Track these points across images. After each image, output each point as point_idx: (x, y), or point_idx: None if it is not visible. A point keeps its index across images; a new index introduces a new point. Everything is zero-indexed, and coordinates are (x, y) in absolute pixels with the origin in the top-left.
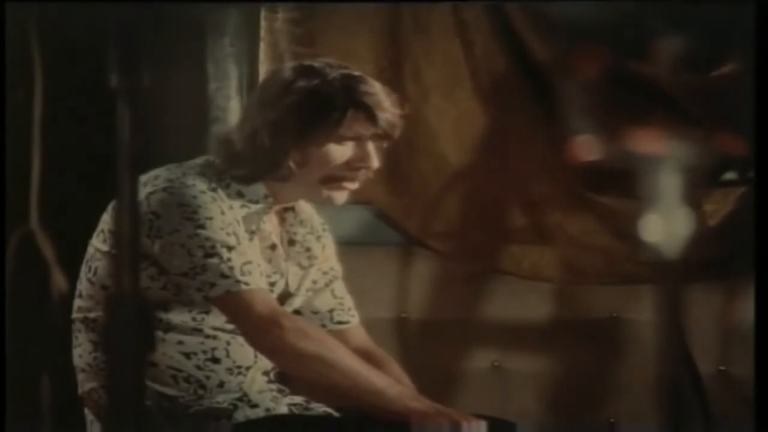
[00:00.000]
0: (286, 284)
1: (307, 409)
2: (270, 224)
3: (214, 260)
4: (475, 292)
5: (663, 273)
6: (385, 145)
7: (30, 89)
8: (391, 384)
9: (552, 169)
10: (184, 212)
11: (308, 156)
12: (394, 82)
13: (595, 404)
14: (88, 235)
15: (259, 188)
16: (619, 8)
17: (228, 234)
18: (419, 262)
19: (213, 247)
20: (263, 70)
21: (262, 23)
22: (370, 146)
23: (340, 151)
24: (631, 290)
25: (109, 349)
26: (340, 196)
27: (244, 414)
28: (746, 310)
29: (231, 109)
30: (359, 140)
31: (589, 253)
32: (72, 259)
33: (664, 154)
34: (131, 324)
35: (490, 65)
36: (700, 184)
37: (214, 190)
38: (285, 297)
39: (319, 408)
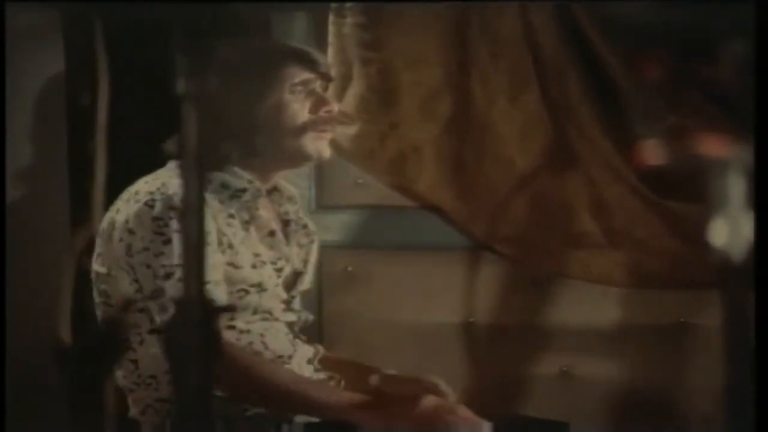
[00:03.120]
0: (293, 267)
1: None
2: (264, 210)
3: (170, 282)
4: (542, 297)
5: (730, 277)
6: (328, 88)
7: (94, 94)
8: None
9: (619, 172)
10: (157, 226)
11: (270, 115)
12: (462, 86)
13: (663, 411)
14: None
15: (240, 174)
16: (686, 10)
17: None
18: (486, 267)
19: (172, 267)
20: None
21: (330, 28)
22: (320, 89)
23: (298, 101)
24: (699, 295)
25: (175, 357)
26: (324, 147)
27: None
28: None
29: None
30: (308, 85)
31: (656, 257)
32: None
33: (730, 158)
34: (196, 330)
35: (557, 69)
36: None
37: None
38: (295, 278)
39: None
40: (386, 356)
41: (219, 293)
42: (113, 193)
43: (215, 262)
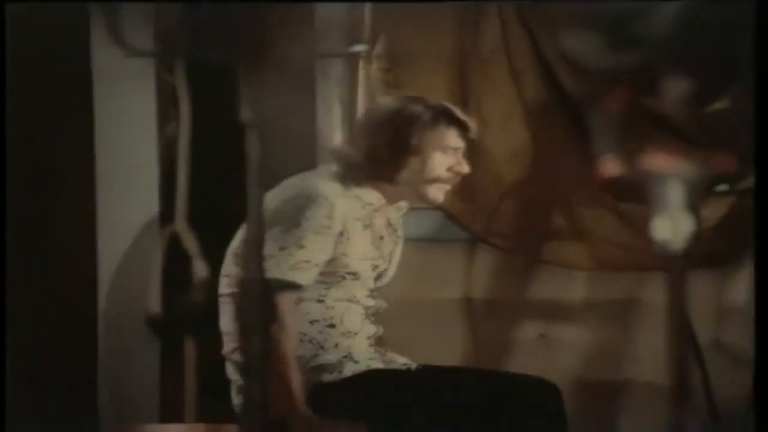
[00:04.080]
0: (385, 264)
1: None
2: (379, 219)
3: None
4: (525, 278)
5: (671, 263)
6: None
7: (178, 121)
8: None
9: (585, 182)
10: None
11: (418, 164)
12: (462, 111)
13: (617, 367)
14: (222, 234)
15: (372, 193)
16: (638, 54)
17: (316, 233)
18: (482, 255)
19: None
20: (360, 110)
21: (360, 71)
22: (463, 155)
23: (444, 159)
24: (645, 276)
25: (241, 318)
26: (441, 196)
27: (349, 369)
28: (737, 292)
29: (335, 138)
30: (456, 150)
31: (613, 248)
32: (208, 252)
33: (671, 171)
34: (257, 299)
35: (537, 102)
36: (698, 195)
37: (339, 194)
38: (382, 273)
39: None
40: (405, 323)
41: (307, 274)
42: (192, 198)
43: (327, 249)
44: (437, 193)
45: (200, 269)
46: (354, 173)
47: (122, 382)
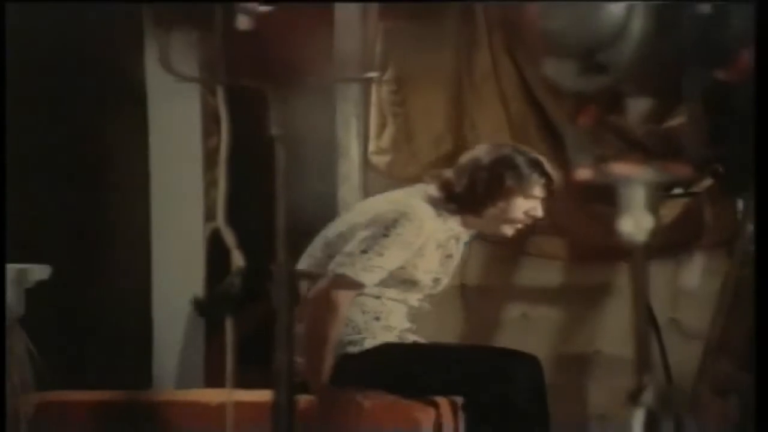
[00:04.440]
0: (446, 278)
1: None
2: (453, 242)
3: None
4: (511, 267)
5: (634, 254)
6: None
7: (219, 135)
8: None
9: (562, 186)
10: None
11: (504, 205)
12: (457, 131)
13: (588, 341)
14: (255, 230)
15: (459, 222)
16: (606, 79)
17: (398, 247)
18: (475, 248)
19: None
20: (373, 125)
21: (373, 93)
22: (541, 202)
23: (525, 204)
24: (613, 265)
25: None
26: (511, 232)
27: (369, 342)
28: (687, 278)
29: (351, 153)
30: (537, 198)
31: (586, 241)
32: (244, 245)
33: (633, 177)
34: (285, 284)
35: (521, 119)
36: (657, 196)
37: (430, 216)
38: (439, 283)
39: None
40: None
41: (375, 277)
42: (230, 199)
43: (402, 260)
44: (509, 230)
45: (237, 260)
46: (447, 202)
47: (172, 353)
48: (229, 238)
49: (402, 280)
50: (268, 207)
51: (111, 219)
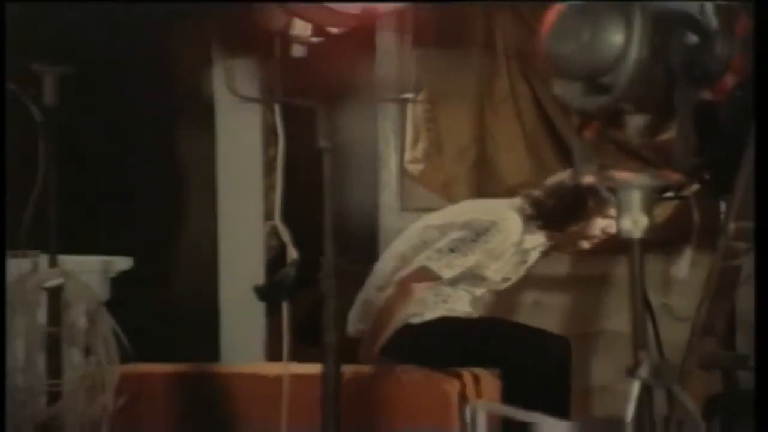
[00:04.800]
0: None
1: None
2: (532, 252)
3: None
4: None
5: (632, 248)
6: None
7: (276, 147)
8: None
9: None
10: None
11: (584, 223)
12: (480, 143)
13: (593, 322)
14: (307, 227)
15: (542, 236)
16: (608, 98)
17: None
18: None
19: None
20: (408, 139)
21: (409, 111)
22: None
23: (602, 222)
24: (614, 258)
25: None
26: (588, 246)
27: (428, 315)
28: (677, 269)
29: (390, 163)
30: (612, 217)
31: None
32: (298, 241)
33: (632, 182)
34: (331, 274)
35: (535, 133)
36: (651, 199)
37: (518, 229)
38: (506, 283)
39: None
40: None
41: (453, 273)
42: (286, 201)
43: (480, 260)
44: (587, 245)
45: (291, 253)
46: (534, 218)
47: (237, 332)
48: (285, 234)
49: (474, 275)
50: (318, 208)
51: (184, 217)
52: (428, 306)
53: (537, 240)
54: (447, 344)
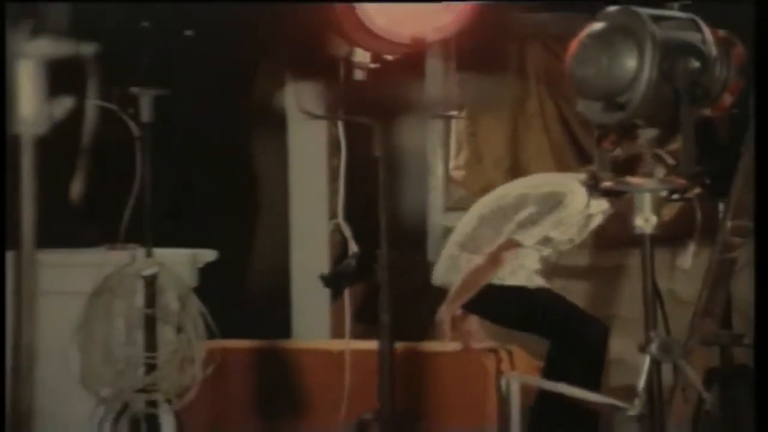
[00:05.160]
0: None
1: None
2: (596, 217)
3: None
4: None
5: (644, 242)
6: None
7: (339, 156)
8: None
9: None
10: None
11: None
12: (513, 154)
13: (610, 305)
14: (366, 226)
15: (606, 203)
16: (623, 114)
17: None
18: None
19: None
20: (452, 149)
21: (453, 126)
22: None
23: None
24: (628, 250)
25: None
26: None
27: (510, 280)
28: (682, 260)
29: (437, 170)
30: None
31: (608, 232)
32: (358, 237)
33: (643, 186)
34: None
35: (560, 145)
36: (660, 200)
37: (584, 199)
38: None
39: None
40: None
41: (532, 240)
42: (348, 202)
43: (553, 228)
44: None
45: (352, 247)
46: (596, 189)
47: (306, 314)
48: (346, 231)
49: (544, 239)
50: (375, 208)
51: (261, 216)
52: (505, 275)
53: (600, 206)
54: (515, 309)
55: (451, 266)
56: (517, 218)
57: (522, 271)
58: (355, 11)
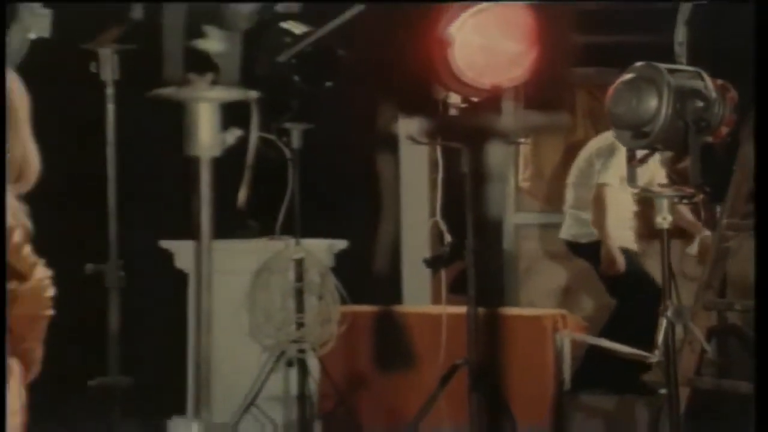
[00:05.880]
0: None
1: None
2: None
3: None
4: None
5: (662, 236)
6: None
7: (437, 172)
8: None
9: None
10: None
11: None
12: (565, 170)
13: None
14: (458, 222)
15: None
16: (647, 140)
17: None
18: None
19: None
20: (521, 166)
21: (521, 149)
22: None
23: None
24: (650, 241)
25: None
26: None
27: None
28: (691, 249)
29: (510, 181)
30: None
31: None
32: (452, 231)
33: (662, 193)
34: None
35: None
36: (675, 203)
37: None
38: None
39: None
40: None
41: (614, 180)
42: (443, 206)
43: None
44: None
45: (447, 238)
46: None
47: (413, 285)
48: (443, 226)
49: (621, 177)
50: (463, 210)
51: (380, 216)
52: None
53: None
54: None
55: (570, 224)
56: (595, 170)
57: (627, 233)
58: (451, 67)
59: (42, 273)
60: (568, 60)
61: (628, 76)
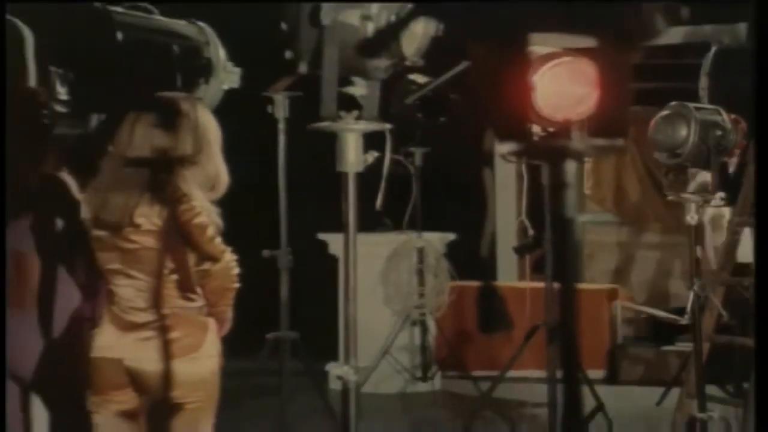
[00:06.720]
0: None
1: None
2: None
3: None
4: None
5: (690, 230)
6: None
7: (522, 181)
8: None
9: (659, 203)
10: None
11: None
12: (617, 182)
13: (671, 264)
14: (539, 221)
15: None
16: (679, 159)
17: None
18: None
19: None
20: (585, 178)
21: (586, 165)
22: None
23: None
24: (681, 233)
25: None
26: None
27: None
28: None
29: (575, 189)
30: None
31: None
32: (534, 227)
33: (690, 199)
34: (548, 241)
35: (642, 177)
36: (700, 206)
37: None
38: None
39: None
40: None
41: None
42: (528, 208)
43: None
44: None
45: (530, 232)
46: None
47: (505, 266)
48: (527, 223)
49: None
50: (542, 211)
51: (481, 214)
52: None
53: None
54: None
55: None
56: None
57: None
58: (534, 105)
59: (230, 257)
60: (621, 100)
61: (665, 112)
